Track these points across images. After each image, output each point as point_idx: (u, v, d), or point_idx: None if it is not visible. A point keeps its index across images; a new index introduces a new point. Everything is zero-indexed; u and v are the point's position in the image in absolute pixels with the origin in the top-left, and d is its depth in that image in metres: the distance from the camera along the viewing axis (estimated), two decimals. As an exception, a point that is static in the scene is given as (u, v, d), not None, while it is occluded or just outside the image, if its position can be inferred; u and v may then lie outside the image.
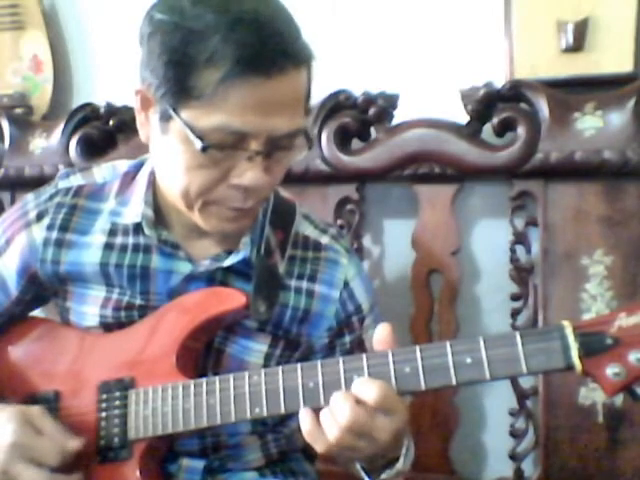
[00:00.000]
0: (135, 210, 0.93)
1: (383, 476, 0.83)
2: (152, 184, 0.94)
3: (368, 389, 0.74)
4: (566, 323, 0.73)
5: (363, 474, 0.85)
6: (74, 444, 0.86)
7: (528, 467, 1.35)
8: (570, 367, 0.71)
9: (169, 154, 0.83)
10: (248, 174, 0.80)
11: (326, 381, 0.78)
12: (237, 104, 0.76)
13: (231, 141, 0.78)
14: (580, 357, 0.71)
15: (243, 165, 0.80)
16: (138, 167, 0.98)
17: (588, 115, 1.27)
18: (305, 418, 0.76)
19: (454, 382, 0.74)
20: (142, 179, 0.95)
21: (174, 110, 0.79)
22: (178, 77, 0.76)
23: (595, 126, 1.26)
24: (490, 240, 1.44)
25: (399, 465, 0.83)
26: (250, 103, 0.76)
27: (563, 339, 0.72)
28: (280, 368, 0.81)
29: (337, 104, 1.42)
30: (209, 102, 0.76)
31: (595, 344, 0.71)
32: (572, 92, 1.32)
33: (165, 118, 0.81)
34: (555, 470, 1.30)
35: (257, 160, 0.80)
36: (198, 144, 0.77)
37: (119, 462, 0.89)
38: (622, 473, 1.25)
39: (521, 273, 1.35)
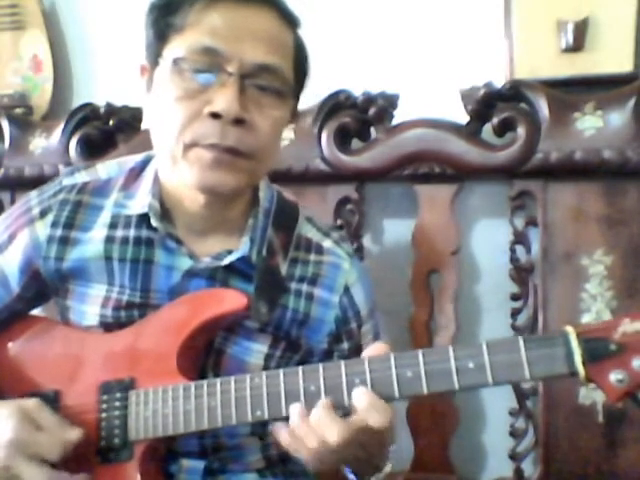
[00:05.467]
0: (142, 202, 0.93)
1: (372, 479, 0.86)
2: (158, 180, 0.94)
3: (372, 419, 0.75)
4: (570, 329, 0.72)
5: (352, 476, 0.87)
6: (74, 435, 0.86)
7: (528, 467, 1.35)
8: (573, 373, 0.71)
9: (156, 100, 0.88)
10: (220, 98, 0.82)
11: (327, 385, 0.78)
12: (209, 27, 0.83)
13: (205, 62, 0.83)
14: (584, 363, 0.70)
15: (217, 93, 0.83)
16: (145, 163, 0.99)
17: (588, 115, 1.27)
18: (281, 434, 0.79)
19: (456, 387, 0.74)
20: (149, 174, 0.96)
21: (159, 54, 0.86)
22: (159, 23, 0.85)
23: (595, 126, 1.26)
24: (490, 240, 1.44)
25: (387, 469, 0.86)
26: (221, 25, 0.83)
27: (567, 345, 0.71)
28: (281, 371, 0.81)
29: (337, 104, 1.42)
30: (186, 30, 0.83)
31: (599, 350, 0.70)
32: (572, 92, 1.32)
33: (154, 64, 0.87)
34: (555, 470, 1.30)
35: (229, 85, 0.82)
36: (169, 61, 0.84)
37: (120, 463, 0.88)
38: (622, 473, 1.25)
39: (521, 273, 1.35)
